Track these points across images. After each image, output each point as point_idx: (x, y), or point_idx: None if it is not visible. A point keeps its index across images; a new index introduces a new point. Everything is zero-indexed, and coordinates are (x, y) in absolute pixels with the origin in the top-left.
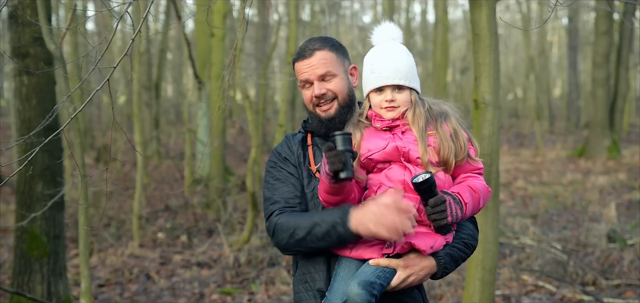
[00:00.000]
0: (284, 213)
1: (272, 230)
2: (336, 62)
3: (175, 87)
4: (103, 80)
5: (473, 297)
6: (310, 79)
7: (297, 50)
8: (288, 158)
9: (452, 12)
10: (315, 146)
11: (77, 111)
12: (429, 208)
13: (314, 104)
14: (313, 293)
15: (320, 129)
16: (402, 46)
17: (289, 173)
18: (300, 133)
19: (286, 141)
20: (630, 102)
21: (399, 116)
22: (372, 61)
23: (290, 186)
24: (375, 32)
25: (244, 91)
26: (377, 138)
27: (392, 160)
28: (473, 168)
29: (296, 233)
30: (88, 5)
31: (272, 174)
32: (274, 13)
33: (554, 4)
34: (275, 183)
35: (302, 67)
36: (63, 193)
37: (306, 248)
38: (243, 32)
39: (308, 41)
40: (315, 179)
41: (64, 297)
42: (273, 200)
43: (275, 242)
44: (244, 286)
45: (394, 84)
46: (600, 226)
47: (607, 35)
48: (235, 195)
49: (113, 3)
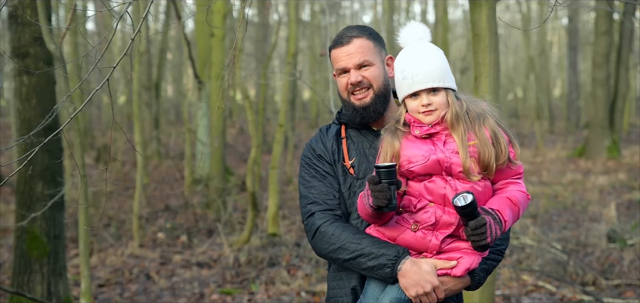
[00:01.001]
0: (329, 221)
1: (313, 232)
2: (374, 51)
3: (175, 87)
4: (103, 80)
5: (473, 297)
6: (347, 66)
7: (334, 37)
8: (322, 155)
9: (452, 12)
10: (350, 139)
11: (77, 110)
12: (469, 230)
13: (350, 91)
14: (345, 291)
15: (354, 119)
16: (431, 45)
17: (324, 171)
18: (334, 125)
19: (320, 136)
20: (630, 102)
21: (438, 120)
22: (402, 65)
23: (328, 185)
24: (402, 34)
25: (244, 91)
26: (417, 147)
27: (434, 173)
28: (513, 172)
29: (340, 253)
30: (88, 5)
31: (307, 171)
32: (274, 13)
33: (554, 4)
34: (311, 180)
35: (339, 55)
36: (63, 193)
37: (345, 266)
38: (243, 32)
39: (345, 28)
40: (350, 176)
41: (64, 297)
42: (311, 199)
43: (313, 244)
44: (244, 286)
45: (428, 88)
46: (600, 226)
47: (607, 35)
48: (235, 195)
49: (113, 3)
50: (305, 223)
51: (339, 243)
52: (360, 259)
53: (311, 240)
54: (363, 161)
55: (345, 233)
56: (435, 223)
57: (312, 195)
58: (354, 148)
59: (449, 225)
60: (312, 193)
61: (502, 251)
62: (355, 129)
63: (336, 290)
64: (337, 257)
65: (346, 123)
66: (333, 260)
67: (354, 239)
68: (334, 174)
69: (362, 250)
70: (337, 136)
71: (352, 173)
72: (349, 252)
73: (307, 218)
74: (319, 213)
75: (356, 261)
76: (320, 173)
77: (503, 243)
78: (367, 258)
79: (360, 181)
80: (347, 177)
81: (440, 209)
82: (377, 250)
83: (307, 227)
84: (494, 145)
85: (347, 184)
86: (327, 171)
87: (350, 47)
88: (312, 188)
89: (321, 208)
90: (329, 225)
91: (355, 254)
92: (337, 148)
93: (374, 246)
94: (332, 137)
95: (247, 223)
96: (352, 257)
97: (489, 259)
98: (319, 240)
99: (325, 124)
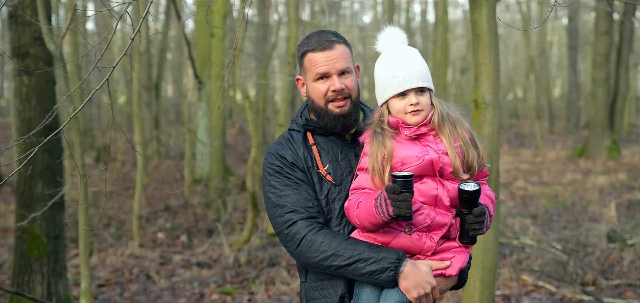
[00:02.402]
0: (315, 228)
1: (298, 242)
2: (350, 59)
3: (175, 87)
4: (102, 80)
5: (473, 297)
6: (329, 72)
7: (307, 41)
8: (295, 162)
9: (452, 12)
10: (318, 145)
11: (77, 110)
12: (473, 217)
13: (328, 99)
14: (332, 300)
15: (335, 126)
16: (413, 48)
17: (298, 179)
18: (296, 132)
19: (288, 144)
20: (630, 102)
21: (424, 121)
22: (391, 66)
23: (304, 192)
24: (381, 38)
25: (244, 91)
26: (409, 149)
27: (426, 174)
28: (483, 174)
29: (333, 260)
30: (88, 5)
31: (278, 180)
32: (274, 13)
33: (554, 4)
34: (284, 189)
35: (319, 59)
36: (63, 193)
37: (336, 274)
38: (243, 32)
39: (320, 32)
40: (326, 183)
41: (64, 297)
42: (289, 208)
43: (297, 254)
44: (244, 286)
45: (417, 87)
46: (600, 226)
47: (607, 35)
48: (235, 195)
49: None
50: (285, 233)
51: (331, 250)
52: (358, 264)
53: (295, 250)
54: (337, 167)
55: (336, 240)
56: (430, 225)
57: (289, 203)
58: (325, 155)
59: (443, 226)
60: (288, 201)
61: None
62: (321, 135)
63: (319, 300)
64: (329, 265)
65: (312, 130)
66: (323, 268)
67: (348, 245)
68: (308, 182)
69: (359, 255)
70: (305, 143)
71: (330, 179)
72: (344, 258)
73: (288, 227)
74: (301, 221)
75: (353, 267)
76: (294, 181)
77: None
78: (366, 262)
79: (338, 187)
80: (324, 184)
81: (432, 210)
82: (376, 254)
83: (287, 237)
84: (473, 146)
85: (324, 192)
86: (301, 178)
87: (332, 52)
88: (286, 196)
89: (302, 216)
90: (315, 233)
91: (351, 259)
92: (308, 154)
93: (373, 251)
94: (301, 144)
95: (247, 223)
96: (348, 263)
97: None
98: (305, 249)
99: (283, 135)
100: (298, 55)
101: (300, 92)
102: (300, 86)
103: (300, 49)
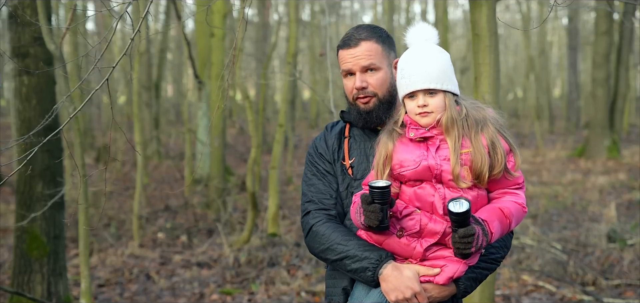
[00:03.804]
0: (322, 220)
1: (307, 231)
2: (381, 55)
3: (175, 87)
4: (102, 80)
5: (473, 296)
6: (353, 69)
7: (343, 36)
8: (323, 154)
9: (452, 12)
10: (353, 138)
11: (77, 110)
12: (457, 236)
13: (354, 96)
14: (338, 291)
15: (358, 122)
16: (436, 46)
17: (324, 170)
18: (340, 123)
19: (324, 133)
20: (630, 102)
21: (434, 123)
22: (403, 64)
23: (326, 184)
24: (409, 33)
25: (244, 91)
26: (409, 151)
27: (424, 179)
28: (511, 182)
29: (328, 253)
30: (88, 5)
31: (310, 169)
32: (274, 13)
33: (554, 4)
34: (312, 178)
35: (345, 56)
36: (63, 193)
37: (334, 266)
38: (243, 32)
39: (355, 28)
40: (348, 176)
41: (64, 297)
42: (309, 197)
43: (306, 243)
44: (244, 286)
45: (425, 89)
46: (600, 226)
47: (607, 35)
48: (235, 195)
49: (113, 3)
50: (302, 221)
51: (327, 244)
52: (345, 261)
53: (305, 238)
54: (363, 161)
55: (335, 234)
56: (420, 231)
57: (311, 193)
58: (356, 148)
59: (435, 234)
60: (311, 191)
61: (497, 260)
62: (359, 129)
63: (331, 289)
64: (325, 257)
65: (351, 122)
66: (323, 259)
67: (342, 240)
68: (333, 173)
69: (347, 252)
70: (341, 134)
71: (351, 173)
72: (335, 253)
73: (304, 216)
74: (313, 212)
75: (342, 263)
76: (320, 171)
77: (499, 252)
78: (351, 260)
79: (357, 181)
80: (345, 176)
81: (426, 217)
82: (361, 253)
83: (302, 225)
84: (490, 154)
85: (345, 184)
86: (327, 169)
87: (357, 49)
88: (312, 186)
89: (316, 207)
90: (321, 225)
91: (341, 256)
92: (338, 146)
93: (359, 249)
94: (335, 135)
95: (247, 223)
96: (338, 258)
97: (478, 268)
98: (311, 239)
99: (332, 121)
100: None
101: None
102: None
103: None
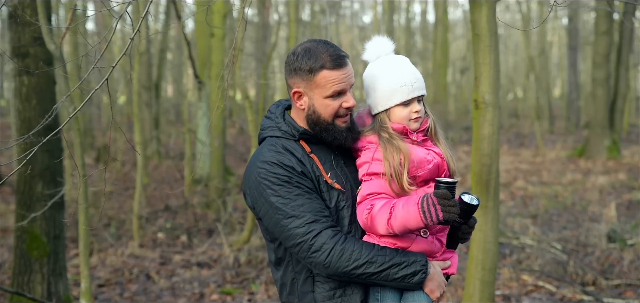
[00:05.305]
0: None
1: (327, 251)
2: None
3: (175, 87)
4: (102, 80)
5: (473, 296)
6: (346, 89)
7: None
8: (304, 172)
9: (452, 12)
10: (316, 154)
11: (77, 110)
12: (468, 227)
13: (339, 115)
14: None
15: (344, 139)
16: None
17: (309, 188)
18: (287, 140)
19: (286, 152)
20: (630, 102)
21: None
22: (398, 74)
23: (317, 201)
24: (371, 47)
25: (244, 91)
26: (422, 153)
27: (432, 178)
28: None
29: (367, 267)
30: (88, 5)
31: (288, 190)
32: (274, 13)
33: (553, 4)
34: (296, 198)
35: (337, 76)
36: (63, 193)
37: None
38: (243, 32)
39: (333, 47)
40: (334, 191)
41: (64, 297)
42: (309, 218)
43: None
44: (244, 286)
45: (420, 95)
46: (600, 226)
47: (607, 35)
48: (235, 195)
49: (113, 3)
50: (309, 244)
51: (363, 258)
52: (391, 270)
53: (324, 260)
54: (337, 174)
55: (365, 248)
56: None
57: (308, 213)
58: (323, 163)
59: (445, 228)
60: (305, 211)
61: None
62: (313, 143)
63: None
64: (362, 273)
65: (305, 139)
66: (354, 276)
67: (379, 252)
68: (317, 191)
69: (391, 261)
70: (304, 152)
71: (338, 187)
72: (377, 265)
73: (313, 238)
74: (326, 231)
75: (386, 273)
76: (306, 190)
77: None
78: (399, 267)
79: (345, 195)
80: (332, 192)
81: None
82: (407, 258)
83: (312, 247)
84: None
85: (333, 200)
86: (311, 187)
87: (348, 68)
88: (300, 206)
89: (325, 225)
90: (344, 242)
91: (384, 266)
92: (312, 163)
93: (402, 256)
94: (301, 152)
95: (247, 223)
96: (382, 269)
97: None
98: (336, 259)
99: (271, 142)
100: (306, 69)
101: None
102: (296, 99)
103: (313, 64)
